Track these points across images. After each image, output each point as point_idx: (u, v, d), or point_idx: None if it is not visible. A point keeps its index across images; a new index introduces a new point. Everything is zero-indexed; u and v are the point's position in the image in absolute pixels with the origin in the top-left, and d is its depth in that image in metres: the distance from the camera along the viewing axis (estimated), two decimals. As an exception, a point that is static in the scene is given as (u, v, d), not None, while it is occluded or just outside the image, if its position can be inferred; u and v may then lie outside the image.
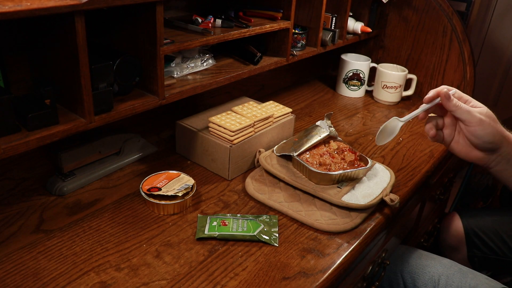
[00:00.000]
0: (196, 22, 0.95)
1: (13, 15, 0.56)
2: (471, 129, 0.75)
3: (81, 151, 0.91)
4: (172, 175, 0.91)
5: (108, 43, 0.86)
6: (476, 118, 0.73)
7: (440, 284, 1.05)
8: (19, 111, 0.68)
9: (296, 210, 0.87)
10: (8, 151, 0.64)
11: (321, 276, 0.73)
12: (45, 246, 0.75)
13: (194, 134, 1.00)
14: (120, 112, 0.78)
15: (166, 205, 0.84)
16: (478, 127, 0.74)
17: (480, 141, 0.75)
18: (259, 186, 0.93)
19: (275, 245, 0.79)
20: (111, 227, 0.80)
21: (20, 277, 0.68)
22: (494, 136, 0.74)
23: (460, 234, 1.36)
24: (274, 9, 1.09)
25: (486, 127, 0.74)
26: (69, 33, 0.66)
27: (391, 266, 1.11)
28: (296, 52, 1.20)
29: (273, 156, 0.99)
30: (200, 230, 0.80)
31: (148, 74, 0.83)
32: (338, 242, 0.81)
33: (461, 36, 1.39)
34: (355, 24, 1.43)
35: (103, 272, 0.70)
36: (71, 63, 0.69)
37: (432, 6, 1.42)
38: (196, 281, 0.70)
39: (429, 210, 1.46)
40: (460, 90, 0.80)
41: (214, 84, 0.97)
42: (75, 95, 0.72)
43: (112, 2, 0.68)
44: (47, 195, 0.88)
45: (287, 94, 1.48)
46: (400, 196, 0.92)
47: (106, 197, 0.89)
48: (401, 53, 1.55)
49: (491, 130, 0.74)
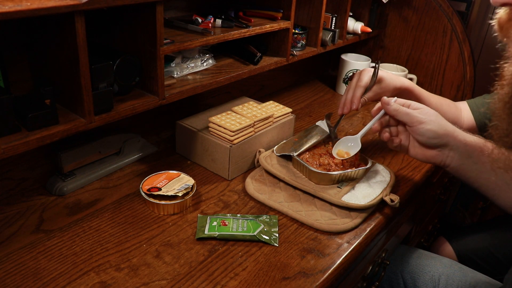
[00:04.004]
0: (196, 22, 0.95)
1: (13, 15, 0.56)
2: (414, 129, 0.80)
3: (81, 151, 0.91)
4: (172, 175, 0.91)
5: (108, 43, 0.86)
6: (415, 118, 0.79)
7: (440, 283, 1.05)
8: (19, 111, 0.68)
9: (296, 210, 0.87)
10: (8, 151, 0.64)
11: (321, 276, 0.73)
12: (45, 246, 0.75)
13: (194, 134, 1.00)
14: (120, 112, 0.78)
15: (166, 205, 0.84)
16: (419, 125, 0.79)
17: (425, 138, 0.79)
18: (259, 186, 0.93)
19: (275, 245, 0.79)
20: (111, 227, 0.80)
21: (20, 277, 0.68)
22: (435, 132, 0.78)
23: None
24: (274, 9, 1.09)
25: (426, 124, 0.78)
26: (69, 33, 0.66)
27: (391, 266, 1.11)
28: (296, 52, 1.20)
29: (273, 156, 0.99)
30: (200, 230, 0.80)
31: (148, 74, 0.83)
32: (338, 242, 0.81)
33: (461, 36, 1.39)
34: (355, 24, 1.43)
35: (103, 272, 0.70)
36: (71, 63, 0.69)
37: (432, 6, 1.42)
38: (196, 281, 0.70)
39: (429, 210, 1.46)
40: (460, 90, 0.81)
41: (214, 84, 0.97)
42: (75, 95, 0.72)
43: (112, 2, 0.68)
44: (47, 195, 0.88)
45: (287, 94, 1.48)
46: (400, 196, 0.92)
47: (106, 197, 0.89)
48: (401, 53, 1.55)
49: (431, 127, 0.78)
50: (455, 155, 0.80)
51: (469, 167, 0.80)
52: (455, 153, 0.80)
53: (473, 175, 0.80)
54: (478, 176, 0.80)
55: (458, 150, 0.79)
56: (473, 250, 1.31)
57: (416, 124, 0.79)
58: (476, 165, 0.79)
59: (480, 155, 0.79)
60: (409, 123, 0.80)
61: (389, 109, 0.83)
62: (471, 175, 0.80)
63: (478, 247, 1.31)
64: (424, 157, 0.83)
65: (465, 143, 0.79)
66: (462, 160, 0.79)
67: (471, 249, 1.32)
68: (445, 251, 1.35)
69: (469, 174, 0.81)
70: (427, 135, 0.79)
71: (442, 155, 0.80)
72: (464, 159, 0.79)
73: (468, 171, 0.80)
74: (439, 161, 0.81)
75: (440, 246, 1.37)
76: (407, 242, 1.34)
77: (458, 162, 0.80)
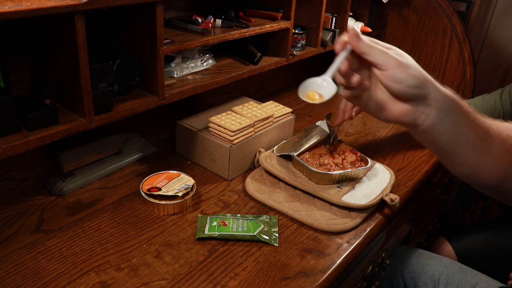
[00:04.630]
0: (196, 22, 0.95)
1: (13, 15, 0.56)
2: (389, 73, 0.60)
3: (81, 151, 0.91)
4: (172, 175, 0.91)
5: (108, 43, 0.86)
6: (394, 59, 0.59)
7: (440, 283, 1.06)
8: (19, 111, 0.68)
9: (296, 210, 0.87)
10: (8, 151, 0.64)
11: (321, 276, 0.73)
12: (45, 246, 0.75)
13: (194, 134, 1.00)
14: (120, 112, 0.78)
15: (166, 205, 0.84)
16: (397, 69, 0.59)
17: (403, 85, 0.59)
18: (259, 186, 0.93)
19: (275, 245, 0.79)
20: (111, 227, 0.80)
21: (20, 277, 0.68)
22: (417, 78, 0.59)
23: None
24: (274, 9, 1.09)
25: (407, 68, 0.59)
26: (69, 33, 0.66)
27: (391, 266, 1.11)
28: (296, 52, 1.20)
29: (273, 156, 0.99)
30: (200, 230, 0.80)
31: (148, 74, 0.83)
32: (338, 242, 0.81)
33: (461, 36, 1.39)
34: (355, 24, 1.43)
35: (103, 272, 0.70)
36: (71, 63, 0.69)
37: (432, 6, 1.42)
38: (196, 281, 0.70)
39: (429, 210, 1.46)
40: (460, 90, 0.78)
41: (214, 84, 0.97)
42: (75, 95, 0.72)
43: (112, 2, 0.68)
44: (47, 195, 0.88)
45: (287, 94, 1.48)
46: (400, 196, 0.92)
47: (106, 197, 0.89)
48: (401, 53, 1.55)
49: (413, 71, 0.59)
50: (431, 111, 0.61)
51: (443, 128, 0.62)
52: (432, 108, 0.61)
53: (443, 138, 0.63)
54: (449, 140, 0.63)
55: (437, 105, 0.61)
56: (473, 250, 1.31)
57: (393, 67, 0.59)
58: (450, 125, 0.62)
59: (456, 112, 0.62)
60: (383, 65, 0.59)
61: (359, 45, 0.60)
62: (442, 138, 0.63)
63: (478, 247, 1.31)
64: (391, 114, 0.62)
65: (445, 96, 0.61)
66: (438, 118, 0.61)
67: (471, 249, 1.32)
68: (445, 251, 1.35)
69: (440, 137, 0.63)
70: (406, 82, 0.59)
71: (416, 111, 0.61)
72: (442, 116, 0.61)
73: (442, 133, 0.62)
74: (410, 119, 0.61)
75: (440, 246, 1.38)
76: (407, 242, 1.34)
77: (433, 120, 0.61)
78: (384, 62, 0.59)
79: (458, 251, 1.32)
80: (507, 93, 1.14)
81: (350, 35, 0.60)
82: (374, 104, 0.63)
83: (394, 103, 0.61)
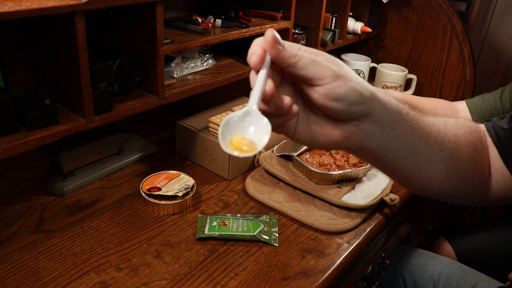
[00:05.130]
0: (196, 22, 0.95)
1: (13, 15, 0.56)
2: (325, 90, 0.44)
3: (81, 151, 0.91)
4: (172, 175, 0.91)
5: (108, 43, 0.86)
6: (329, 70, 0.44)
7: (440, 282, 1.06)
8: (19, 111, 0.68)
9: (296, 210, 0.87)
10: (8, 151, 0.64)
11: (321, 276, 0.73)
12: (45, 246, 0.75)
13: (194, 134, 1.00)
14: (120, 112, 0.78)
15: (166, 205, 0.84)
16: (335, 82, 0.44)
17: (344, 103, 0.44)
18: (259, 186, 0.93)
19: (275, 245, 0.79)
20: (111, 227, 0.80)
21: (20, 277, 0.68)
22: (360, 92, 0.45)
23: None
24: (274, 9, 1.09)
25: (347, 80, 0.44)
26: (69, 33, 0.66)
27: (391, 266, 1.11)
28: (296, 52, 1.20)
29: (273, 156, 0.99)
30: (200, 230, 0.80)
31: (148, 74, 0.83)
32: (338, 242, 0.81)
33: (461, 36, 1.39)
34: (355, 24, 1.43)
35: (103, 272, 0.70)
36: (71, 63, 0.69)
37: (432, 6, 1.42)
38: (196, 281, 0.70)
39: (429, 210, 1.46)
40: (460, 90, 0.76)
41: (214, 84, 0.97)
42: (75, 95, 0.72)
43: (112, 2, 0.68)
44: (47, 195, 0.88)
45: (287, 94, 1.48)
46: (400, 196, 0.92)
47: (106, 197, 0.89)
48: (401, 53, 1.55)
49: (354, 84, 0.45)
50: (376, 129, 0.48)
51: (391, 144, 0.50)
52: (378, 125, 0.48)
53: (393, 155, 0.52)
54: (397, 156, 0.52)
55: (382, 121, 0.48)
56: (473, 250, 1.31)
57: (331, 80, 0.43)
58: (398, 140, 0.50)
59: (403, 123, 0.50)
60: (317, 80, 0.44)
61: (282, 55, 0.44)
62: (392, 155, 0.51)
63: (478, 247, 1.31)
64: (329, 140, 0.48)
65: (389, 107, 0.49)
66: (384, 135, 0.49)
67: (471, 249, 1.32)
68: (445, 250, 1.35)
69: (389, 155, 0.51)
70: (348, 99, 0.44)
71: (360, 132, 0.48)
72: (388, 132, 0.49)
73: (390, 150, 0.51)
74: (353, 143, 0.48)
75: (440, 246, 1.38)
76: (407, 242, 1.34)
77: (379, 140, 0.49)
78: (316, 75, 0.44)
79: (458, 251, 1.32)
80: (507, 93, 1.14)
81: (268, 42, 0.44)
82: (305, 131, 0.48)
83: (332, 127, 0.47)
